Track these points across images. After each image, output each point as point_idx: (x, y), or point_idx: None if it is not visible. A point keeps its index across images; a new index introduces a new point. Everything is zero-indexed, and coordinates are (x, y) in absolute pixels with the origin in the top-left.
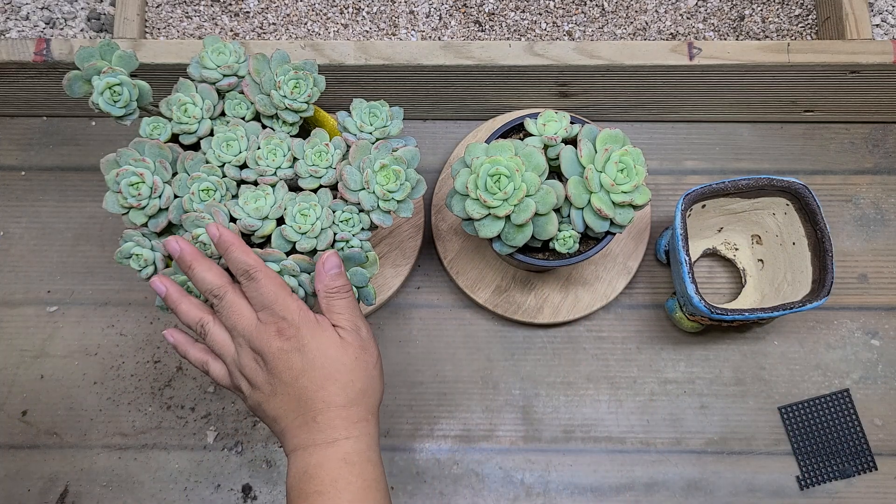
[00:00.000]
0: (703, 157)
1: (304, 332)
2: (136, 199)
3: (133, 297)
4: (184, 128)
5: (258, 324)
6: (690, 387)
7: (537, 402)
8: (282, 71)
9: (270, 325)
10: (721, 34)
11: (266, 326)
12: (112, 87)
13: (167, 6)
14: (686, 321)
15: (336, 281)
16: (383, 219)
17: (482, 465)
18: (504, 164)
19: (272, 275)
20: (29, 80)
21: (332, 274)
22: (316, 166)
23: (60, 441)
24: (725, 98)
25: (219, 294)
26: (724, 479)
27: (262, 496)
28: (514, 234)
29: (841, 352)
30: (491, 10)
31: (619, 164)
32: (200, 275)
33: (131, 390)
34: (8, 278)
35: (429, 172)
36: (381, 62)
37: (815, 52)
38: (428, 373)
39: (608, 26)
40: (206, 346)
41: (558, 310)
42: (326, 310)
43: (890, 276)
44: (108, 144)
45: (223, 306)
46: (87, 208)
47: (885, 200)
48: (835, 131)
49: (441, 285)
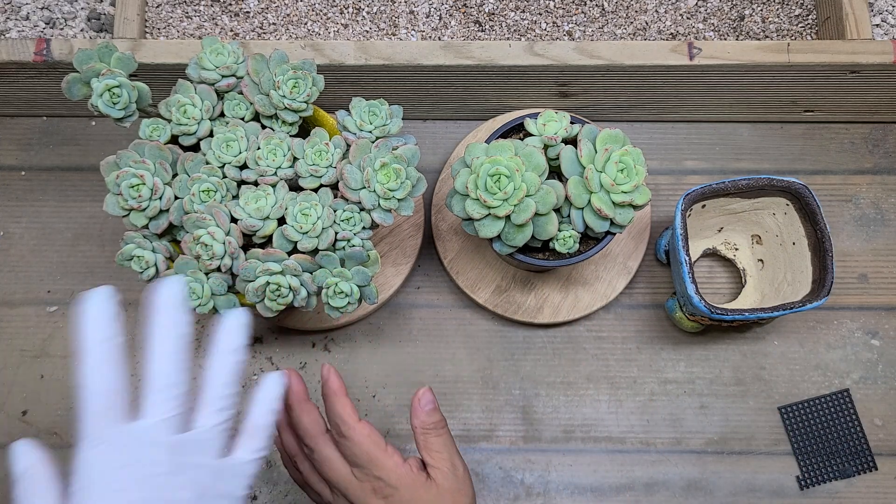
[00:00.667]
0: (703, 157)
1: (403, 493)
2: (137, 201)
3: (133, 298)
4: (183, 129)
5: (353, 479)
6: (690, 387)
7: (537, 402)
8: (280, 71)
9: (367, 484)
10: (721, 34)
11: (363, 484)
12: (111, 89)
13: (167, 6)
14: (686, 321)
15: (432, 417)
16: (384, 217)
17: (482, 465)
18: (504, 164)
19: (366, 431)
20: (29, 80)
21: (427, 410)
22: (316, 166)
23: (60, 441)
24: (725, 98)
25: (310, 445)
26: (724, 479)
27: (262, 496)
28: (514, 234)
29: (841, 352)
30: (491, 10)
31: (619, 164)
32: (297, 417)
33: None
34: (8, 278)
35: (429, 172)
36: (381, 62)
37: (815, 52)
38: (428, 373)
39: (608, 26)
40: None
41: (558, 310)
42: (423, 447)
43: (890, 276)
44: (108, 144)
45: (317, 459)
46: (87, 208)
47: (885, 200)
48: (835, 131)
49: (441, 285)
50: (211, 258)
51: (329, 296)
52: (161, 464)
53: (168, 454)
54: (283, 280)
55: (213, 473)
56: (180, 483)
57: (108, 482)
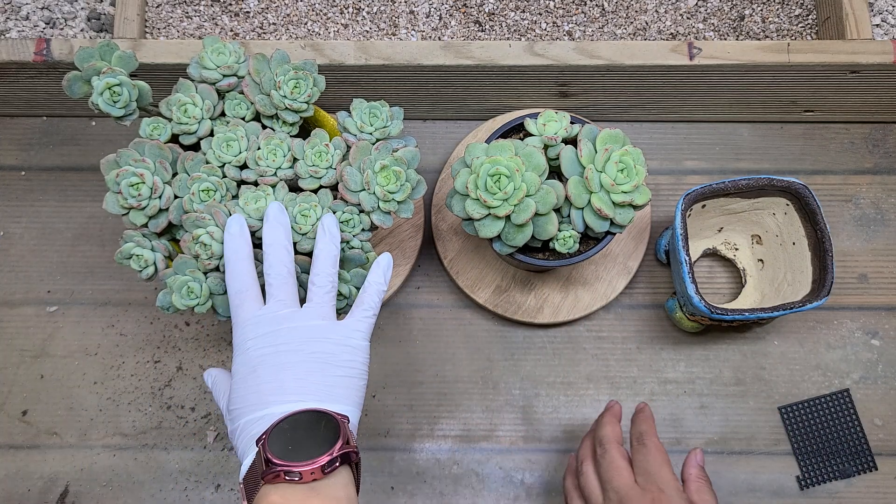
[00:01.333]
0: (703, 157)
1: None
2: (137, 200)
3: (133, 297)
4: (184, 128)
5: (635, 486)
6: (690, 387)
7: (537, 402)
8: (282, 71)
9: (647, 493)
10: (721, 34)
11: (644, 492)
12: (111, 87)
13: (167, 6)
14: (686, 321)
15: (702, 472)
16: (384, 219)
17: (482, 465)
18: (504, 164)
19: (661, 447)
20: (29, 80)
21: (700, 465)
22: (316, 167)
23: (60, 441)
24: (725, 98)
25: (605, 446)
26: (724, 479)
27: None
28: (514, 234)
29: (841, 352)
30: (491, 10)
31: (619, 164)
32: (603, 426)
33: (131, 390)
34: (8, 278)
35: (429, 172)
36: (381, 62)
37: (815, 52)
38: (428, 373)
39: (608, 26)
40: (575, 480)
41: (558, 310)
42: (695, 491)
43: (890, 276)
44: (108, 144)
45: (605, 459)
46: (87, 208)
47: (885, 200)
48: (835, 131)
49: (441, 285)
50: (210, 258)
51: None
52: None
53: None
54: None
55: (334, 330)
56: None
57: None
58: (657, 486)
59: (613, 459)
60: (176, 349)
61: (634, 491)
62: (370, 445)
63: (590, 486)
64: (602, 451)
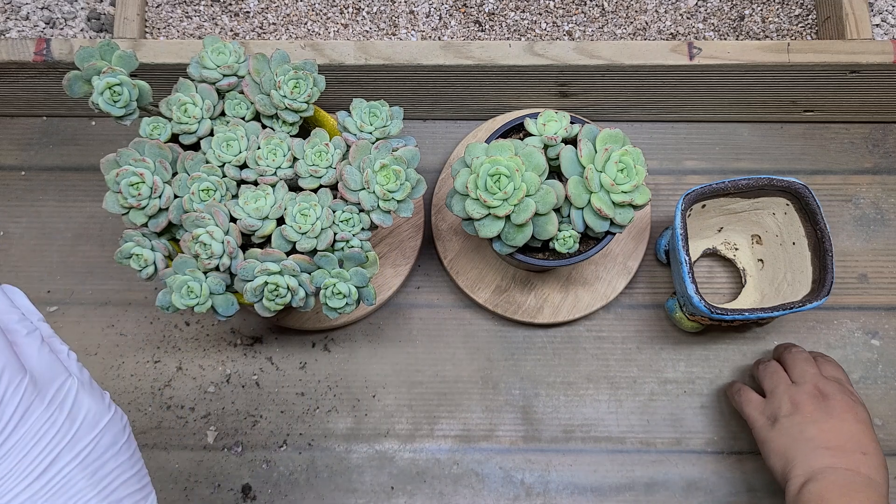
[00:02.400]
0: (703, 157)
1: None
2: (136, 200)
3: (133, 297)
4: (184, 128)
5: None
6: (690, 387)
7: (537, 402)
8: (282, 71)
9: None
10: (721, 34)
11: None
12: (112, 87)
13: (167, 6)
14: (686, 321)
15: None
16: (383, 219)
17: (482, 465)
18: (504, 164)
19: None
20: (29, 80)
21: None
22: (316, 166)
23: None
24: (725, 98)
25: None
26: (724, 479)
27: (261, 496)
28: (514, 234)
29: (841, 352)
30: (491, 10)
31: (619, 164)
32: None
33: (131, 390)
34: (8, 278)
35: (429, 172)
36: (381, 62)
37: (815, 52)
38: (428, 373)
39: (608, 26)
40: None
41: (558, 310)
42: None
43: (890, 276)
44: (108, 144)
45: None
46: (87, 208)
47: (885, 200)
48: (835, 131)
49: (441, 285)
50: (209, 257)
51: (327, 297)
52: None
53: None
54: (281, 280)
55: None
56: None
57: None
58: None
59: (798, 353)
60: (176, 349)
61: (817, 378)
62: (370, 445)
63: (778, 374)
64: (789, 351)
